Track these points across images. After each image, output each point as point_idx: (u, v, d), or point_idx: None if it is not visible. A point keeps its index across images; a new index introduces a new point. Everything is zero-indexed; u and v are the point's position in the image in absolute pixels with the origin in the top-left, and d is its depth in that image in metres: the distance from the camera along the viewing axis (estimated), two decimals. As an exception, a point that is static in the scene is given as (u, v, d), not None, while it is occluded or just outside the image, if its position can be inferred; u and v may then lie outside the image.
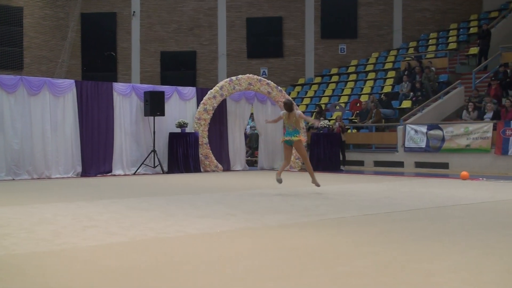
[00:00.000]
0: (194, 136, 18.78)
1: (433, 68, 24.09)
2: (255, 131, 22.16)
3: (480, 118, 19.59)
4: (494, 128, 18.26)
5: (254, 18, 31.20)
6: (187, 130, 18.92)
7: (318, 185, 12.43)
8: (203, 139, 18.97)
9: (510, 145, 17.79)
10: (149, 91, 18.19)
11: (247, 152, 22.22)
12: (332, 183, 14.63)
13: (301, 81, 31.11)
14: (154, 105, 17.98)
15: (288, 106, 12.31)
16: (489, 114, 19.38)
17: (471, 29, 28.98)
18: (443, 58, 25.95)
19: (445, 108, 22.36)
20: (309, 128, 22.15)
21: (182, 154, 18.58)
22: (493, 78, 21.90)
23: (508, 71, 21.90)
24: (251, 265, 5.29)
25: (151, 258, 5.58)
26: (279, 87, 20.65)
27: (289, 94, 26.46)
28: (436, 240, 6.53)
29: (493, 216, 8.55)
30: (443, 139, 19.24)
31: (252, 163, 22.44)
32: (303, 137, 12.47)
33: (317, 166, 19.78)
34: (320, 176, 17.05)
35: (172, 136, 18.72)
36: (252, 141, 23.36)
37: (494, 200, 10.63)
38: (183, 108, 19.46)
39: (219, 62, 31.36)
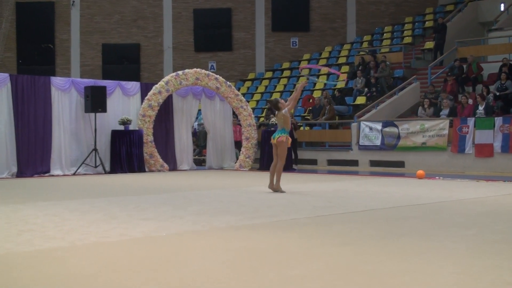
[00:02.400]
0: (138, 134, 18.62)
1: (388, 63, 24.39)
2: (203, 129, 22.10)
3: (436, 115, 19.91)
4: (451, 125, 18.58)
5: (201, 10, 31.12)
6: (131, 127, 18.75)
7: (276, 191, 12.11)
8: (148, 137, 18.82)
9: (466, 142, 18.14)
10: (90, 86, 17.96)
11: (194, 150, 22.14)
12: (284, 183, 14.65)
13: (251, 75, 31.17)
14: (95, 101, 17.76)
15: (273, 105, 12.42)
16: (445, 111, 19.73)
17: (427, 22, 29.47)
18: (398, 52, 26.31)
19: (401, 105, 22.69)
20: (260, 125, 22.24)
21: (125, 153, 18.41)
22: (449, 74, 22.31)
23: (464, 66, 22.32)
24: (199, 269, 5.27)
25: (92, 264, 5.51)
26: (228, 82, 20.64)
27: (238, 89, 26.48)
28: (391, 241, 6.61)
29: (449, 216, 8.69)
30: (398, 137, 19.50)
31: (199, 162, 22.38)
32: (284, 137, 12.08)
33: (268, 165, 19.83)
34: (271, 176, 17.08)
35: (114, 133, 18.52)
36: (199, 139, 23.30)
37: (450, 199, 10.81)
38: (127, 104, 19.28)
39: (164, 56, 31.18)
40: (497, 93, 19.92)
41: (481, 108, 18.93)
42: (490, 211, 9.21)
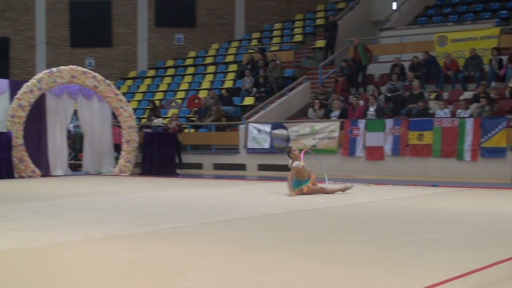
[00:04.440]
0: (6, 137, 18.08)
1: (278, 62, 24.72)
2: (79, 131, 21.71)
3: (326, 116, 20.38)
4: (341, 127, 19.07)
5: (78, 1, 30.57)
6: (-1, 129, 18.21)
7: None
8: (18, 139, 18.30)
9: (357, 145, 18.67)
10: (-48, 83, 17.32)
11: (69, 154, 21.70)
12: (168, 189, 14.63)
13: (132, 74, 30.88)
14: (-43, 99, 17.14)
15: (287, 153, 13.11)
16: (336, 112, 20.22)
17: (318, 20, 30.10)
18: (288, 51, 26.73)
19: (290, 106, 23.07)
20: (141, 127, 22.07)
21: (-8, 158, 17.85)
22: (339, 74, 22.86)
23: (354, 66, 22.88)
24: (74, 283, 5.18)
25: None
26: (107, 81, 20.36)
27: (118, 88, 26.15)
28: (281, 249, 6.71)
29: (339, 221, 8.92)
30: (288, 139, 19.83)
31: (75, 167, 21.95)
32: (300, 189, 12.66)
33: (150, 170, 19.76)
34: (154, 181, 17.06)
35: (-20, 136, 17.93)
36: (75, 142, 22.84)
37: (340, 204, 11.09)
38: (-6, 104, 18.71)
39: (37, 51, 30.41)
40: (388, 94, 20.61)
41: (372, 110, 19.51)
42: (380, 215, 9.52)
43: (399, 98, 20.35)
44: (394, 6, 28.69)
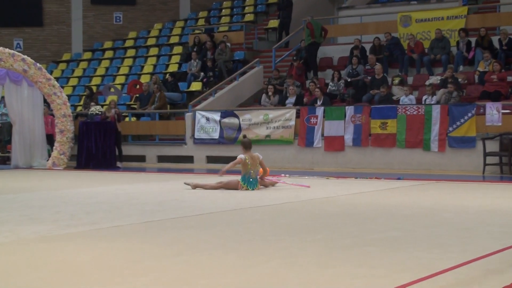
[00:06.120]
0: None
1: (228, 44, 24.67)
2: (7, 120, 21.41)
3: (281, 103, 20.39)
4: (298, 116, 19.08)
5: (4, -24, 30.09)
6: None
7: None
8: None
9: (315, 135, 18.72)
10: None
11: (-4, 146, 21.44)
12: (107, 184, 14.53)
13: (66, 56, 30.56)
14: None
15: (248, 144, 12.77)
16: (292, 99, 20.24)
17: (271, -3, 30.11)
18: (239, 31, 26.68)
19: (242, 92, 23.06)
20: (77, 115, 21.87)
21: None
22: (294, 57, 22.88)
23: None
24: (2, 291, 5.10)
25: None
26: (38, 64, 20.13)
27: (51, 72, 25.84)
28: (232, 249, 6.69)
29: (296, 218, 8.93)
30: (239, 129, 19.81)
31: (3, 160, 21.69)
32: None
33: (87, 163, 19.59)
34: (92, 176, 16.91)
35: None
36: (3, 132, 22.56)
37: (298, 200, 11.12)
38: None
39: (-42, 31, 29.92)
40: (348, 79, 20.71)
41: (319, 103, 19.45)
42: (340, 212, 9.56)
43: (360, 83, 20.47)
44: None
